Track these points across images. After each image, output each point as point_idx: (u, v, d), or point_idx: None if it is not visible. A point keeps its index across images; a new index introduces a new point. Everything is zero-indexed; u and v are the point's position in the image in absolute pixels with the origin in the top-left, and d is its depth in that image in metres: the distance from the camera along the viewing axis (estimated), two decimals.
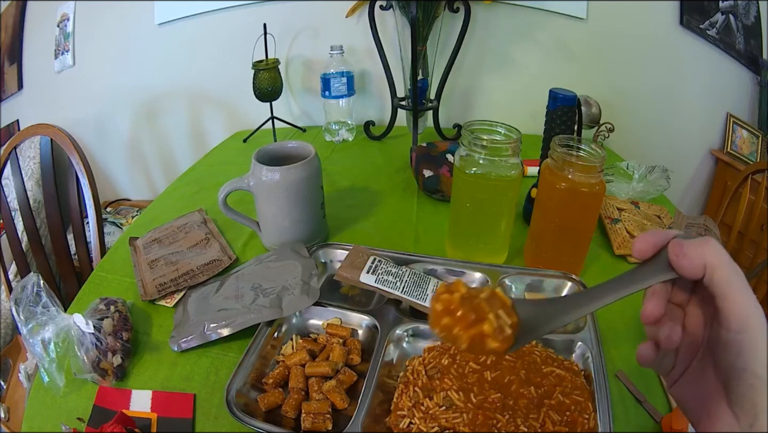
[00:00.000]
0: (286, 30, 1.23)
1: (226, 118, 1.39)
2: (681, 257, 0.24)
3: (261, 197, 0.70)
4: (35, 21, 1.39)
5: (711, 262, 0.23)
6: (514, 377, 0.48)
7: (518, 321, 0.29)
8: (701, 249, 0.23)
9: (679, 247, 0.24)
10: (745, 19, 1.26)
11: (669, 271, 0.25)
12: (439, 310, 0.30)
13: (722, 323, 0.23)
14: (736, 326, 0.22)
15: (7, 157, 1.01)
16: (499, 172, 0.62)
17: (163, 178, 1.51)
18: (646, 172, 0.89)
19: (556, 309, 0.29)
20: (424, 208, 0.89)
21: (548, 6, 1.17)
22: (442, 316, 0.30)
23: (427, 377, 0.49)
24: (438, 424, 0.44)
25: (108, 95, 1.40)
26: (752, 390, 0.22)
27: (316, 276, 0.63)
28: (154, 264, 0.71)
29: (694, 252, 0.23)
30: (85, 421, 0.50)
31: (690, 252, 0.23)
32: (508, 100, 1.29)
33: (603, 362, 0.51)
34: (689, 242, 0.24)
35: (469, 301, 0.29)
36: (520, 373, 0.49)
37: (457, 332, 0.29)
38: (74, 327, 0.52)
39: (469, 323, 0.29)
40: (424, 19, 1.04)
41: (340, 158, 1.11)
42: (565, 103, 0.70)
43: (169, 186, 1.02)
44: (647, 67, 1.26)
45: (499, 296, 0.30)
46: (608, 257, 0.74)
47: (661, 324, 0.28)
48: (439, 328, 0.30)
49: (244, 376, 0.51)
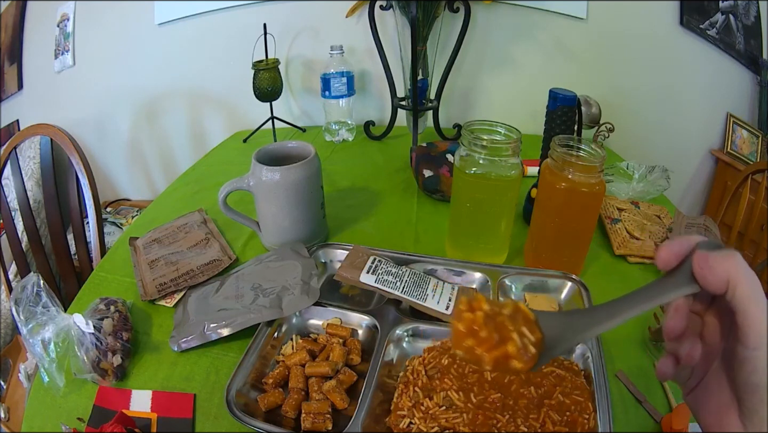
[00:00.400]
0: (286, 30, 1.23)
1: (226, 118, 1.39)
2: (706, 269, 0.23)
3: (261, 197, 0.70)
4: (35, 21, 1.39)
5: (734, 277, 0.22)
6: (514, 377, 0.48)
7: (542, 337, 0.28)
8: (726, 263, 0.23)
9: (705, 259, 0.23)
10: (745, 19, 1.26)
11: (692, 283, 0.24)
12: (462, 330, 0.29)
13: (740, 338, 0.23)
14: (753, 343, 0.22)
15: (7, 157, 1.01)
16: (499, 172, 0.62)
17: (163, 178, 1.51)
18: (646, 172, 0.89)
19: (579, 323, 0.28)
20: (424, 208, 0.89)
21: (548, 6, 1.17)
22: (464, 337, 0.29)
23: (427, 377, 0.49)
24: (438, 424, 0.44)
25: (108, 95, 1.40)
26: (763, 405, 0.23)
27: (316, 276, 0.63)
28: (154, 264, 0.71)
29: (720, 266, 0.23)
30: (85, 421, 0.50)
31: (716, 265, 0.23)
32: (508, 100, 1.29)
33: (603, 362, 0.51)
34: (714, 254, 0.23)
35: (492, 320, 0.29)
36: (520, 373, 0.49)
37: (480, 353, 0.28)
38: (74, 327, 0.52)
39: (492, 344, 0.28)
40: (424, 19, 1.04)
41: (340, 158, 1.11)
42: (565, 103, 0.70)
43: (169, 186, 1.02)
44: (647, 67, 1.26)
45: (522, 310, 0.29)
46: (608, 256, 0.74)
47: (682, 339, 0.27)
48: (462, 350, 0.29)
49: (244, 376, 0.51)
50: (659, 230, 0.76)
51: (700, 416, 0.28)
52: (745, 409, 0.24)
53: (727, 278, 0.22)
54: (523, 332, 0.28)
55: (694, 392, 0.28)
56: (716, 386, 0.26)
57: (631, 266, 0.72)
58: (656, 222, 0.78)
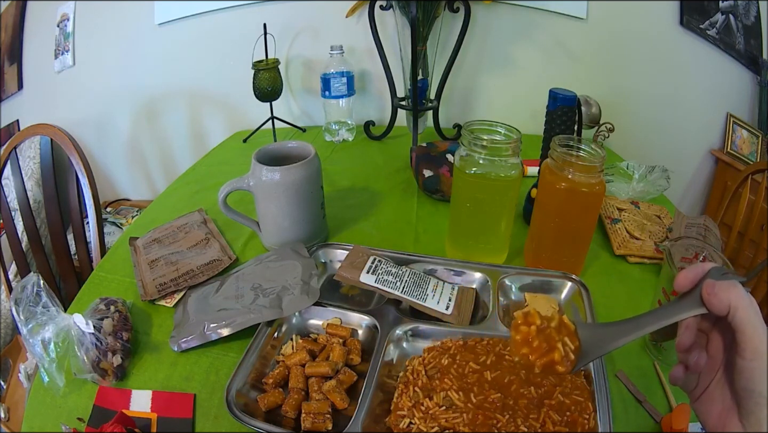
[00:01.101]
0: (286, 30, 1.23)
1: (226, 118, 1.39)
2: (712, 296, 0.29)
3: (261, 197, 0.70)
4: (35, 21, 1.39)
5: (735, 303, 0.28)
6: (514, 376, 0.48)
7: (579, 345, 0.34)
8: (728, 292, 0.28)
9: (711, 287, 0.29)
10: (745, 19, 1.26)
11: (701, 306, 0.30)
12: (519, 340, 0.36)
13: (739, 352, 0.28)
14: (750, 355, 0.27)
15: (7, 157, 1.01)
16: (499, 172, 0.62)
17: (163, 178, 1.51)
18: (646, 172, 0.89)
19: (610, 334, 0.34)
20: (424, 208, 0.89)
21: (548, 6, 1.17)
22: (521, 346, 0.36)
23: (427, 377, 0.49)
24: (438, 424, 0.44)
25: (108, 95, 1.39)
26: (758, 407, 0.28)
27: (316, 276, 0.63)
28: (154, 264, 0.71)
29: (724, 294, 0.28)
30: (85, 421, 0.50)
31: (720, 293, 0.28)
32: (508, 100, 1.29)
33: (603, 362, 0.51)
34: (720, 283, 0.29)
35: (542, 332, 0.36)
36: (520, 373, 0.49)
37: (533, 359, 0.35)
38: (74, 327, 0.52)
39: (542, 352, 0.35)
40: (424, 19, 1.04)
41: (340, 158, 1.11)
42: (565, 103, 0.70)
43: (169, 186, 1.02)
44: (647, 67, 1.26)
45: (565, 323, 0.36)
46: (608, 257, 0.74)
47: (690, 351, 0.33)
48: (519, 357, 0.36)
49: (244, 376, 0.51)
50: (659, 230, 0.76)
51: (706, 420, 0.32)
52: (743, 411, 0.29)
53: (729, 303, 0.28)
54: (566, 342, 0.35)
55: (701, 399, 0.33)
56: (719, 394, 0.32)
57: (631, 266, 0.72)
58: (656, 222, 0.78)
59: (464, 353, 0.52)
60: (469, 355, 0.52)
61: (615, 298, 0.65)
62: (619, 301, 0.65)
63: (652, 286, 0.66)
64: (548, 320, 0.36)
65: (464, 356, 0.51)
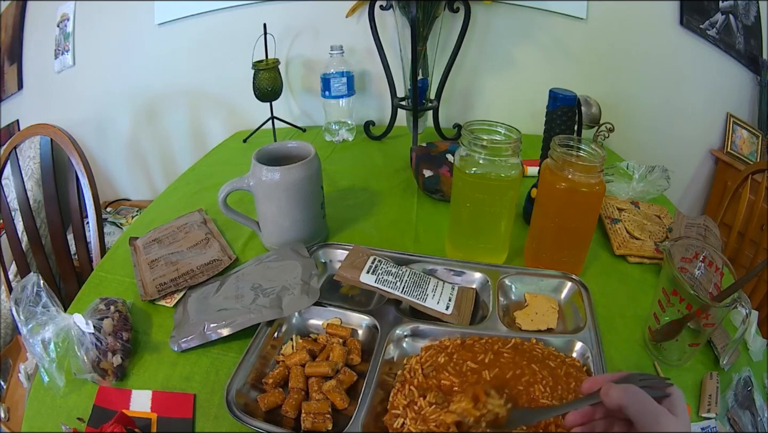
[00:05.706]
0: (286, 30, 1.23)
1: (226, 118, 1.39)
2: (605, 396, 0.36)
3: (261, 197, 0.70)
4: (35, 21, 1.39)
5: (624, 403, 0.34)
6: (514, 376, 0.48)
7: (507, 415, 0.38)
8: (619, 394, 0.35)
9: (606, 388, 0.36)
10: (745, 19, 1.26)
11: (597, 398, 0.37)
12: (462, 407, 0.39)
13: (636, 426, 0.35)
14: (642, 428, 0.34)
15: (7, 157, 1.01)
16: (499, 172, 0.62)
17: (163, 178, 1.51)
18: (646, 172, 0.89)
19: (532, 415, 0.41)
20: (424, 208, 0.89)
21: (548, 6, 1.17)
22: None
23: (423, 375, 0.49)
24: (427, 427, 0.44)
25: (108, 95, 1.39)
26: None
27: (316, 276, 0.63)
28: (154, 264, 0.71)
29: (615, 394, 0.35)
30: (85, 421, 0.50)
31: (612, 394, 0.35)
32: (508, 100, 1.29)
33: (603, 362, 0.51)
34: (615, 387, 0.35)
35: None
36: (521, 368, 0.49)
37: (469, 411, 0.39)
38: (74, 327, 0.52)
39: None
40: (424, 19, 1.04)
41: (340, 158, 1.11)
42: (565, 103, 0.70)
43: (169, 186, 1.02)
44: (647, 67, 1.26)
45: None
46: (608, 256, 0.74)
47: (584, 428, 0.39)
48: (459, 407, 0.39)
49: (244, 376, 0.51)
50: (659, 230, 0.76)
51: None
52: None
53: (619, 402, 0.35)
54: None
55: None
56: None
57: (631, 266, 0.72)
58: (656, 222, 0.78)
59: (462, 352, 0.52)
60: (467, 353, 0.52)
61: (615, 298, 0.65)
62: (619, 301, 0.65)
63: (652, 286, 0.66)
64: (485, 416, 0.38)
65: (462, 355, 0.51)
